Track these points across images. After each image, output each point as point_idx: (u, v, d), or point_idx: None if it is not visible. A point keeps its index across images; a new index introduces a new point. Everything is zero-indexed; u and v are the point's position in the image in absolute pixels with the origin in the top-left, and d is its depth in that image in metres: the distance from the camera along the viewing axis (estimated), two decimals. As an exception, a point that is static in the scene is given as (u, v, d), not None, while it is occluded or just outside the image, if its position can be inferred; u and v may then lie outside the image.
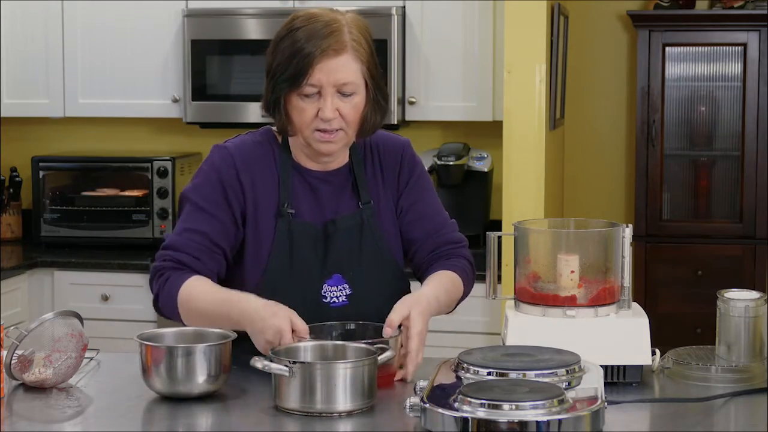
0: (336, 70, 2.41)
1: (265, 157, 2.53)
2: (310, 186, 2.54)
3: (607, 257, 2.41)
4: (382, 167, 2.60)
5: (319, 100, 2.43)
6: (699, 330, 4.74)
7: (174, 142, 5.11)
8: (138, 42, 4.83)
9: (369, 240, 2.53)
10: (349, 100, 2.44)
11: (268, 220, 2.50)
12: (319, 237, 2.51)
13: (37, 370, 2.32)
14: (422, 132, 4.93)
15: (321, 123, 2.44)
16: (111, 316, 4.54)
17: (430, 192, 2.65)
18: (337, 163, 2.56)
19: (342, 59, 2.42)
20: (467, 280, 2.62)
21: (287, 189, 2.51)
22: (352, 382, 2.12)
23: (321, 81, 2.41)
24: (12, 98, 4.95)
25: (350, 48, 2.43)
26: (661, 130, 4.88)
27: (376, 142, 2.62)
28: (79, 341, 2.36)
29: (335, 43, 2.41)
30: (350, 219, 2.54)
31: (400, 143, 2.65)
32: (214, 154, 2.54)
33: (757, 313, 2.40)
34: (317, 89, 2.42)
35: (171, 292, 2.44)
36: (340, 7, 4.59)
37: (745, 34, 4.82)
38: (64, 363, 2.33)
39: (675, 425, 2.12)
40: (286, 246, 2.48)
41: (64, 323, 2.37)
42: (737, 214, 4.89)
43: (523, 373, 2.07)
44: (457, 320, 4.38)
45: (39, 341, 2.34)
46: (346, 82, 2.42)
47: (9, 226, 5.06)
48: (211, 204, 2.49)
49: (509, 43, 4.26)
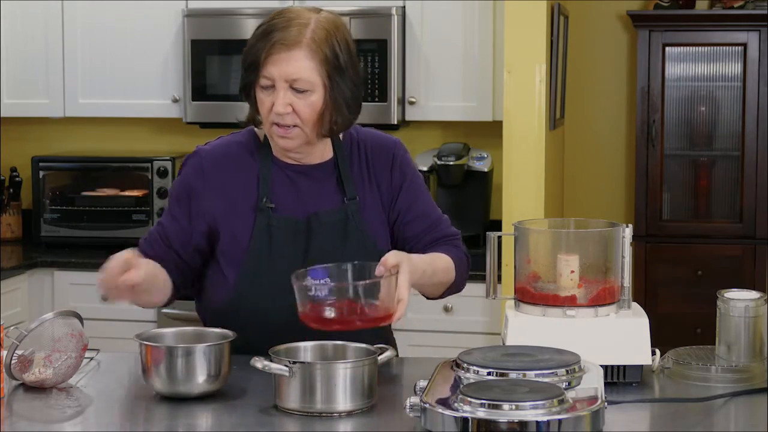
0: (286, 65, 2.42)
1: (243, 155, 2.56)
2: (290, 179, 2.55)
3: (607, 257, 2.41)
4: (370, 166, 2.59)
5: (273, 94, 2.45)
6: (699, 330, 4.74)
7: (174, 142, 5.11)
8: (138, 42, 4.83)
9: (354, 235, 2.53)
10: (303, 97, 2.44)
11: (246, 216, 2.52)
12: (301, 230, 2.52)
13: (37, 370, 2.32)
14: (422, 132, 4.93)
15: (275, 117, 2.45)
16: (111, 316, 4.53)
17: (424, 190, 2.66)
18: (318, 157, 2.56)
19: (294, 54, 2.42)
20: (460, 269, 2.60)
21: (267, 184, 2.53)
22: (352, 382, 2.12)
23: (272, 74, 2.43)
24: (12, 98, 4.95)
25: (305, 45, 2.43)
26: (661, 130, 4.88)
27: (364, 140, 2.61)
28: (79, 341, 2.36)
29: (289, 38, 2.42)
30: (335, 214, 2.54)
31: (391, 143, 2.64)
32: (187, 158, 2.61)
33: (757, 313, 2.40)
34: (271, 82, 2.44)
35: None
36: (341, 7, 4.63)
37: (745, 34, 4.82)
38: (64, 363, 2.33)
39: (675, 425, 2.12)
40: (264, 240, 2.49)
41: (64, 323, 2.37)
42: (737, 214, 4.89)
43: (523, 373, 2.07)
44: (457, 320, 4.40)
45: (39, 341, 2.34)
46: (297, 78, 2.43)
47: (9, 226, 5.06)
48: (174, 203, 2.59)
49: (509, 43, 4.26)
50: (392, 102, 4.57)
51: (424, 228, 2.61)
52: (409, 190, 2.61)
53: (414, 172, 2.65)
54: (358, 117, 2.57)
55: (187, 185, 2.56)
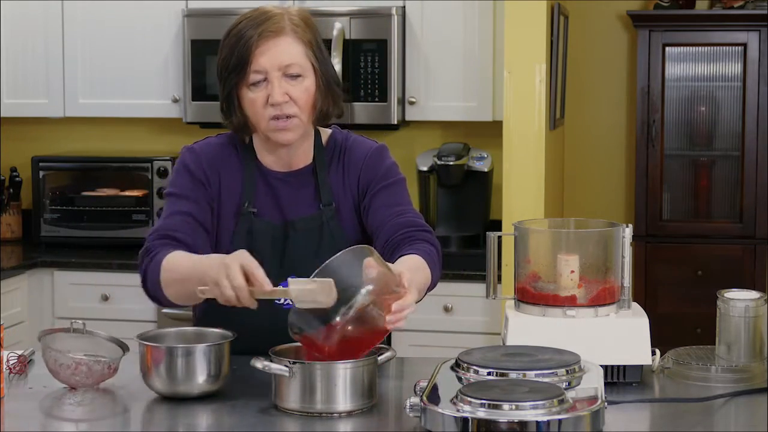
0: (278, 52, 2.43)
1: (229, 158, 2.56)
2: (270, 186, 2.55)
3: (607, 257, 2.41)
4: (345, 169, 2.57)
5: (267, 87, 2.44)
6: (699, 330, 4.73)
7: (174, 142, 5.10)
8: (138, 42, 4.83)
9: (328, 242, 2.52)
10: (297, 83, 2.45)
11: (228, 220, 2.52)
12: (278, 236, 2.52)
13: (70, 372, 2.31)
14: (422, 132, 4.93)
15: (272, 110, 2.44)
16: (111, 316, 4.53)
17: (396, 187, 2.57)
18: (301, 161, 2.56)
19: (282, 40, 2.44)
20: (434, 266, 2.45)
21: (250, 189, 2.53)
22: (352, 383, 2.12)
23: (264, 65, 2.43)
24: (12, 98, 4.95)
25: (289, 30, 2.45)
26: (661, 130, 4.88)
27: (349, 147, 2.60)
28: (109, 374, 2.35)
29: (272, 26, 2.44)
30: (310, 221, 2.53)
31: (369, 146, 2.60)
32: (183, 155, 2.59)
33: (757, 313, 2.40)
34: (263, 75, 2.44)
35: (156, 267, 2.43)
36: (341, 7, 4.62)
37: (745, 34, 4.82)
38: (81, 378, 2.32)
39: (675, 425, 2.12)
40: (244, 246, 2.45)
41: (109, 351, 2.36)
42: (737, 214, 4.89)
43: (523, 373, 2.07)
44: (457, 320, 4.40)
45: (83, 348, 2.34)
46: (290, 63, 2.44)
47: (9, 226, 5.06)
48: (189, 191, 2.53)
49: (509, 43, 4.27)
50: (392, 102, 4.57)
51: (389, 214, 2.51)
52: (378, 184, 2.55)
53: (388, 171, 2.57)
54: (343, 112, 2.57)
55: (190, 169, 2.54)
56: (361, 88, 4.56)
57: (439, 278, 2.49)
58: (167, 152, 4.91)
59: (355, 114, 4.56)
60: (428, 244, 2.46)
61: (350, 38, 4.55)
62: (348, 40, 4.55)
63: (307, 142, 2.56)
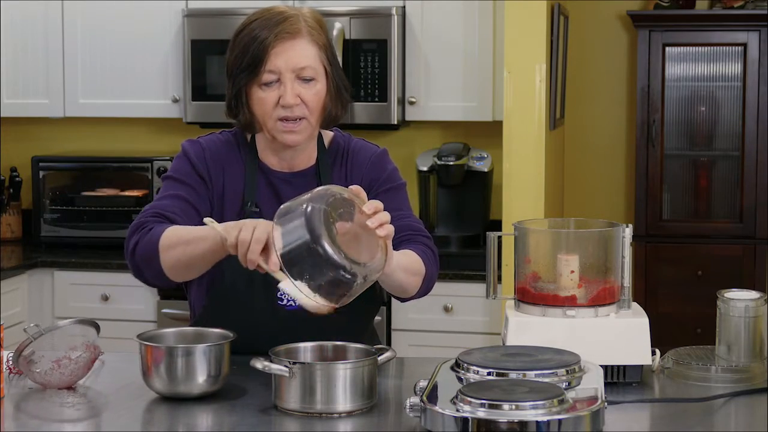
0: (293, 54, 2.42)
1: (232, 156, 2.55)
2: (273, 186, 2.54)
3: (607, 257, 2.41)
4: (349, 171, 2.57)
5: (279, 88, 2.43)
6: (699, 330, 4.74)
7: (174, 142, 5.10)
8: (138, 42, 4.83)
9: None
10: (310, 86, 2.44)
11: (230, 218, 2.50)
12: None
13: (44, 371, 2.31)
14: (422, 132, 4.94)
15: (282, 111, 2.44)
16: (111, 316, 4.54)
17: (398, 191, 2.57)
18: (303, 163, 2.56)
19: (298, 42, 2.43)
20: (428, 262, 2.46)
21: (252, 188, 2.52)
22: (352, 383, 2.12)
23: (279, 66, 2.42)
24: (12, 98, 4.95)
25: (306, 32, 2.44)
26: (661, 130, 4.88)
27: (352, 149, 2.59)
28: (92, 353, 2.35)
29: (289, 27, 2.42)
30: None
31: (372, 150, 2.60)
32: (186, 146, 2.56)
33: (757, 313, 2.40)
34: (276, 76, 2.43)
35: (152, 239, 2.39)
36: (341, 7, 4.62)
37: (745, 34, 4.82)
38: (71, 370, 2.32)
39: (675, 425, 2.12)
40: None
41: (81, 331, 2.36)
42: (737, 214, 4.89)
43: (523, 373, 2.07)
44: (457, 320, 4.40)
45: (52, 344, 2.33)
46: (305, 66, 2.43)
47: (9, 226, 5.06)
48: (187, 177, 2.51)
49: (509, 43, 4.27)
50: (392, 102, 4.57)
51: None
52: (381, 188, 2.55)
53: (390, 176, 2.58)
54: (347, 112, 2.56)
55: (192, 160, 2.52)
56: (361, 88, 4.56)
57: (435, 278, 2.51)
58: (167, 152, 4.91)
59: (355, 114, 4.57)
60: (425, 246, 2.49)
61: (350, 38, 4.55)
62: (348, 40, 4.55)
63: (311, 144, 2.56)
